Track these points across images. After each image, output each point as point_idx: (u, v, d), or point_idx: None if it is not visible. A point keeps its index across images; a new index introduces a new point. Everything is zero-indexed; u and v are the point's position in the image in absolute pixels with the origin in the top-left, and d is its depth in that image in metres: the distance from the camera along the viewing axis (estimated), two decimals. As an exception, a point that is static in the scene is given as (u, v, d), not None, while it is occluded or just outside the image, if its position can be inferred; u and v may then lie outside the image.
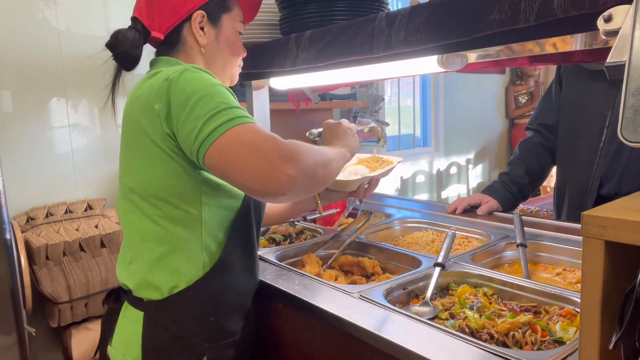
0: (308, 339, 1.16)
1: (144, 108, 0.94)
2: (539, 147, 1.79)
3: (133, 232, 1.04)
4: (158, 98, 0.91)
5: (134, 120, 0.97)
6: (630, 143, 0.55)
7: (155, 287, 1.01)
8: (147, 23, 1.06)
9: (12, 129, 1.94)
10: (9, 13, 1.90)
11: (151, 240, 1.01)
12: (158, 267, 1.00)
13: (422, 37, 0.98)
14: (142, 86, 0.98)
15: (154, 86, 0.93)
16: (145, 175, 0.98)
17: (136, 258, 1.04)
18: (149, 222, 1.00)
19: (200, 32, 1.07)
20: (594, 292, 0.57)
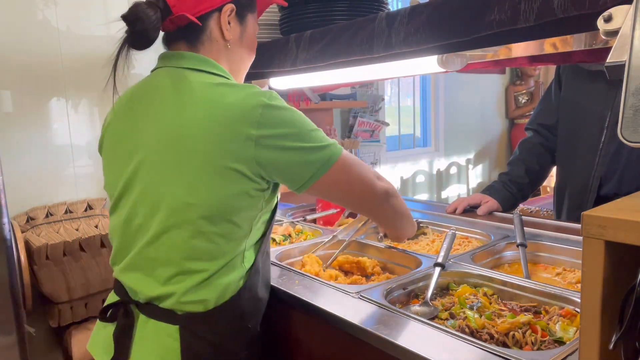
0: (308, 339, 1.16)
1: (226, 128, 0.89)
2: (539, 147, 1.79)
3: (180, 249, 0.95)
4: (251, 123, 0.89)
5: (201, 136, 0.90)
6: (630, 143, 0.55)
7: (200, 301, 0.96)
8: (172, 3, 0.96)
9: (12, 129, 1.94)
10: (9, 13, 1.90)
11: (204, 259, 0.95)
12: (209, 283, 0.96)
13: (422, 37, 0.98)
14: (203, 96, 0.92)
15: (241, 103, 0.90)
16: (215, 196, 0.92)
17: (183, 274, 0.96)
18: (205, 241, 0.94)
19: (227, 26, 1.02)
20: (594, 292, 0.57)
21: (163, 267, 0.97)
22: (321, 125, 3.07)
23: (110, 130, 1.07)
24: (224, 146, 0.90)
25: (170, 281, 0.97)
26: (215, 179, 0.91)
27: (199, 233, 0.94)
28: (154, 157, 0.96)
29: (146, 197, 0.97)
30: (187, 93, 0.94)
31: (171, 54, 1.03)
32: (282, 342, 1.25)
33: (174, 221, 0.94)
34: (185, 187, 0.92)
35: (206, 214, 0.92)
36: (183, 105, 0.94)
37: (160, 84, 1.00)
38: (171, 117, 0.94)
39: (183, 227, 0.94)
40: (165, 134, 0.94)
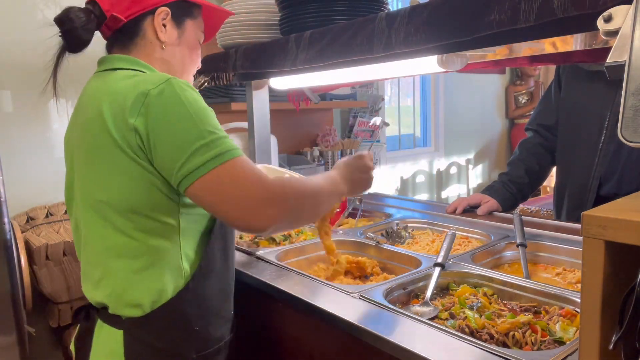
0: (308, 339, 1.16)
1: (115, 119, 0.88)
2: (539, 148, 1.79)
3: (102, 248, 0.96)
4: (133, 112, 0.86)
5: (100, 129, 0.89)
6: (630, 143, 0.55)
7: (135, 305, 0.95)
8: (106, 7, 0.99)
9: (12, 129, 1.94)
10: (9, 13, 1.90)
11: (126, 256, 0.94)
12: (137, 283, 0.94)
13: (422, 37, 0.98)
14: (106, 89, 0.92)
15: (127, 96, 0.87)
16: (119, 189, 0.90)
17: (108, 275, 0.96)
18: (124, 237, 0.93)
19: (162, 28, 1.03)
20: (594, 292, 0.57)
21: (95, 267, 0.99)
22: (321, 125, 3.07)
23: (66, 135, 1.09)
24: (115, 138, 0.88)
25: (102, 282, 0.97)
26: (116, 172, 0.90)
27: (118, 230, 0.93)
28: (77, 160, 0.98)
29: (78, 201, 1.00)
30: (99, 91, 0.95)
31: (102, 59, 1.04)
32: (282, 342, 1.25)
33: (93, 219, 0.95)
34: (94, 184, 0.94)
35: (118, 209, 0.91)
36: (93, 103, 0.94)
37: (86, 90, 1.02)
38: (84, 116, 0.96)
39: (102, 225, 0.94)
40: (80, 135, 0.96)
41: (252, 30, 1.56)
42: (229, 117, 2.36)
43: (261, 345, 1.31)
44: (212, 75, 1.71)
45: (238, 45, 1.56)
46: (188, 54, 1.10)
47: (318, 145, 2.96)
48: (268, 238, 1.63)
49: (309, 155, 2.87)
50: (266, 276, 1.24)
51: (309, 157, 2.86)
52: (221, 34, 1.62)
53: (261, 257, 1.38)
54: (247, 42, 1.55)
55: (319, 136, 2.99)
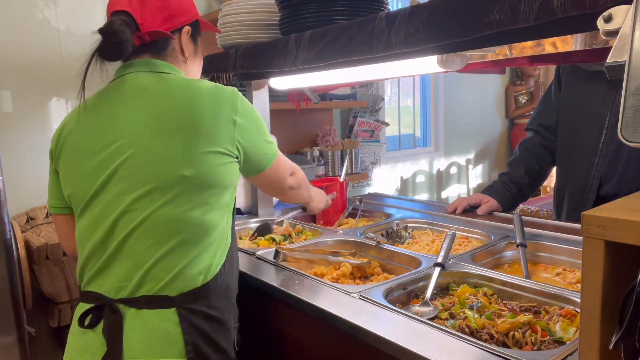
0: (308, 339, 1.16)
1: (223, 110, 1.04)
2: (539, 148, 1.79)
3: (171, 224, 1.00)
4: (232, 109, 1.05)
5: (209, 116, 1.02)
6: (630, 143, 0.55)
7: (197, 275, 1.02)
8: (140, 21, 1.06)
9: (12, 129, 1.94)
10: (9, 13, 1.90)
11: (200, 231, 1.03)
12: (203, 256, 1.03)
13: (422, 37, 0.98)
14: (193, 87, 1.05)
15: (223, 95, 1.05)
16: (208, 166, 1.02)
17: (178, 251, 1.01)
18: (200, 212, 1.02)
19: (187, 45, 1.16)
20: (594, 292, 0.57)
21: (157, 245, 1.00)
22: (321, 125, 3.07)
23: (72, 136, 1.10)
24: (209, 125, 1.02)
25: (168, 256, 1.00)
26: (208, 151, 1.02)
27: (194, 206, 1.01)
28: (142, 140, 1.01)
29: (134, 181, 1.01)
30: (167, 86, 1.06)
31: (141, 62, 1.10)
32: (282, 342, 1.25)
33: (169, 196, 1.00)
34: (179, 160, 1.00)
35: (201, 185, 1.02)
36: (166, 94, 1.05)
37: (135, 84, 1.07)
38: (155, 105, 1.03)
39: (179, 201, 1.00)
40: (153, 118, 1.02)
41: (252, 30, 1.56)
42: (229, 117, 2.36)
43: (261, 345, 1.31)
44: (212, 75, 1.71)
45: (238, 45, 1.56)
46: (198, 67, 1.25)
47: (318, 145, 2.96)
48: (268, 238, 1.63)
49: (309, 155, 2.87)
50: (266, 276, 1.24)
51: (309, 157, 2.86)
52: (221, 34, 1.62)
53: (261, 257, 1.38)
54: (247, 42, 1.55)
55: (319, 136, 2.99)
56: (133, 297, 1.00)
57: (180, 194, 1.00)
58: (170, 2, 1.10)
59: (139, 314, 1.00)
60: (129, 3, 1.06)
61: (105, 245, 1.03)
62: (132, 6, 1.06)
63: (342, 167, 2.67)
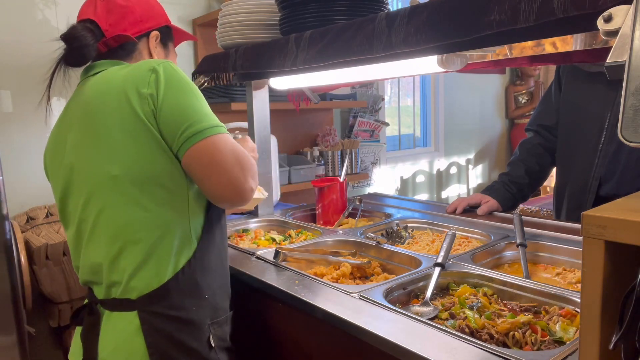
0: (308, 339, 1.16)
1: (129, 93, 0.97)
2: (539, 148, 1.79)
3: (118, 225, 1.00)
4: (145, 84, 0.96)
5: (116, 106, 0.97)
6: (630, 143, 0.55)
7: (153, 276, 1.00)
8: (104, 27, 1.10)
9: (12, 129, 1.94)
10: (8, 13, 1.90)
11: (143, 230, 0.99)
12: (154, 255, 1.00)
13: (422, 37, 0.98)
14: (112, 78, 1.02)
15: (135, 75, 0.98)
16: (135, 159, 0.97)
17: (126, 251, 1.00)
18: (140, 210, 0.99)
19: (156, 50, 1.18)
20: (594, 292, 0.57)
21: (109, 249, 1.01)
22: (321, 125, 3.07)
23: (46, 153, 1.17)
24: (134, 107, 0.96)
25: (118, 262, 1.01)
26: (133, 144, 0.97)
27: (134, 204, 0.99)
28: (77, 148, 1.03)
29: (79, 187, 1.04)
30: (101, 83, 1.04)
31: (91, 65, 1.12)
32: (282, 342, 1.25)
33: (109, 199, 0.99)
34: (108, 161, 0.98)
35: (133, 181, 0.98)
36: (92, 91, 1.04)
37: (81, 92, 1.09)
38: (85, 105, 1.03)
39: (115, 202, 0.99)
40: (82, 120, 1.03)
41: (252, 30, 1.56)
42: (229, 117, 2.36)
43: (261, 345, 1.31)
44: (212, 75, 1.71)
45: (238, 45, 1.56)
46: None
47: (318, 145, 2.96)
48: (268, 238, 1.63)
49: (309, 155, 2.87)
50: (266, 276, 1.24)
51: (309, 157, 2.86)
52: (221, 34, 1.62)
53: (261, 257, 1.38)
54: (247, 42, 1.55)
55: (319, 136, 2.99)
56: (106, 299, 1.04)
57: (116, 196, 0.99)
58: (135, 8, 1.13)
59: (111, 316, 1.03)
60: (94, 12, 1.11)
61: (78, 252, 1.09)
62: (97, 14, 1.10)
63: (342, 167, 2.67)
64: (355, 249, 1.47)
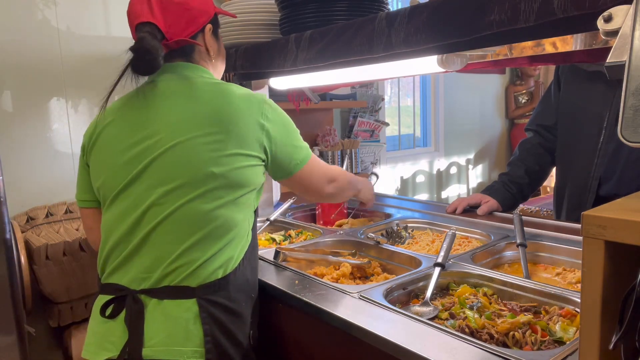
0: (308, 339, 1.16)
1: (242, 114, 1.06)
2: (539, 148, 1.79)
3: (198, 218, 1.03)
4: (261, 114, 1.08)
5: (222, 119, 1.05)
6: (630, 143, 0.55)
7: (218, 268, 1.04)
8: (164, 29, 1.07)
9: (12, 129, 1.94)
10: (8, 13, 1.90)
11: (226, 225, 1.05)
12: (227, 249, 1.06)
13: (422, 37, 0.98)
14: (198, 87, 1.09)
15: (247, 97, 1.09)
16: (237, 167, 1.05)
17: (202, 244, 1.03)
18: (226, 208, 1.05)
19: (211, 43, 1.17)
20: (594, 292, 0.57)
21: (182, 238, 1.03)
22: (321, 125, 3.07)
23: (107, 130, 1.13)
24: (241, 128, 1.05)
25: (193, 249, 1.03)
26: (233, 152, 1.05)
27: (220, 203, 1.04)
28: (175, 138, 1.04)
29: (165, 175, 1.04)
30: (197, 90, 1.09)
31: (170, 66, 1.13)
32: (282, 342, 1.25)
33: (198, 192, 1.03)
34: (210, 158, 1.03)
35: (229, 183, 1.05)
36: (197, 97, 1.08)
37: (168, 87, 1.11)
38: (188, 106, 1.07)
39: (206, 197, 1.03)
40: (187, 118, 1.05)
41: (252, 30, 1.56)
42: (229, 117, 2.35)
43: (261, 345, 1.31)
44: (212, 75, 1.70)
45: (238, 45, 1.56)
46: (222, 61, 1.27)
47: (318, 145, 2.96)
48: (268, 238, 1.63)
49: (309, 155, 2.86)
50: (266, 276, 1.24)
51: (309, 157, 2.85)
52: (221, 34, 1.62)
53: (261, 257, 1.38)
54: (247, 42, 1.55)
55: (319, 136, 2.98)
56: (155, 287, 1.03)
57: (207, 191, 1.03)
58: (190, 4, 1.10)
59: (161, 304, 1.02)
60: (150, 13, 1.06)
61: (130, 237, 1.06)
62: (154, 16, 1.06)
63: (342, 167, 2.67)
64: (355, 249, 1.47)
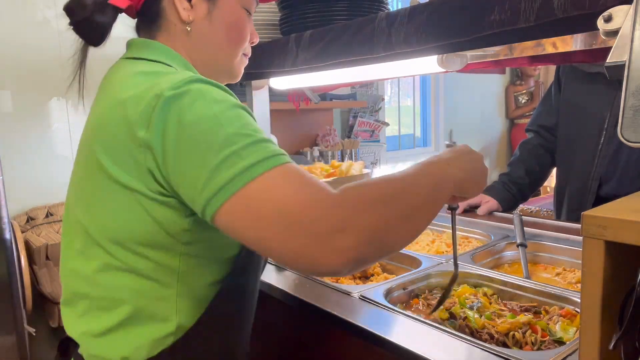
0: (307, 339, 1.16)
1: (117, 129, 0.67)
2: (539, 148, 1.79)
3: (83, 281, 0.76)
4: (143, 121, 0.64)
5: (96, 139, 0.71)
6: (630, 143, 0.55)
7: (96, 357, 0.76)
8: None
9: (12, 129, 1.94)
10: (9, 13, 1.90)
11: (107, 298, 0.74)
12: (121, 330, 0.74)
13: (422, 37, 0.98)
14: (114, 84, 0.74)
15: (138, 98, 0.66)
16: (103, 216, 0.71)
17: (87, 314, 0.76)
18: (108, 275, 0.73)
19: (184, 4, 0.80)
20: (594, 292, 0.57)
21: (78, 299, 0.78)
22: (321, 125, 3.07)
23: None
24: (114, 152, 0.68)
25: (81, 319, 0.78)
26: (108, 196, 0.69)
27: (103, 265, 0.73)
28: (75, 170, 0.81)
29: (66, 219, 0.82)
30: (107, 88, 0.77)
31: (129, 42, 0.83)
32: (281, 342, 1.25)
33: (79, 248, 0.76)
34: (78, 204, 0.76)
35: (97, 238, 0.72)
36: (97, 104, 0.78)
37: (108, 77, 0.81)
38: (88, 121, 0.79)
39: (87, 256, 0.75)
40: (81, 142, 0.79)
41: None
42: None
43: (261, 345, 1.31)
44: (212, 75, 1.70)
45: (238, 45, 1.56)
46: (224, 32, 0.84)
47: (318, 145, 2.96)
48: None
49: (309, 155, 2.87)
50: (266, 276, 1.24)
51: (309, 157, 2.86)
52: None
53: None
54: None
55: (319, 136, 2.99)
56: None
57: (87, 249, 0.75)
58: None
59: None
60: None
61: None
62: None
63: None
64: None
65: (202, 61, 0.84)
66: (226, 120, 0.63)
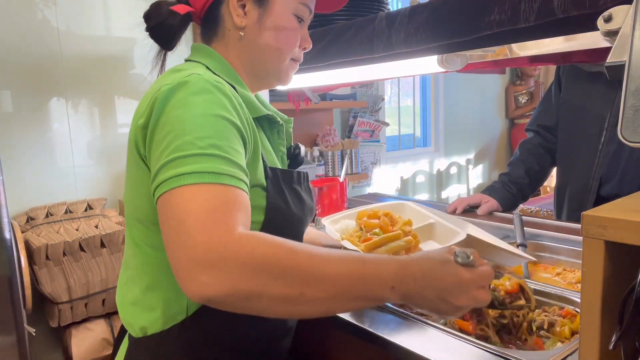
0: (307, 339, 1.16)
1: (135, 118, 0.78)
2: (539, 148, 1.79)
3: (126, 253, 0.89)
4: (143, 112, 0.74)
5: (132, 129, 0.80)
6: (630, 143, 0.55)
7: (128, 323, 0.85)
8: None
9: (12, 129, 1.94)
10: (8, 13, 1.90)
11: (136, 269, 0.84)
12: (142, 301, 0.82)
13: (422, 37, 0.98)
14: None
15: (148, 94, 0.77)
16: (131, 194, 0.81)
17: (124, 284, 0.88)
18: (135, 247, 0.83)
19: (238, 11, 0.84)
20: (594, 292, 0.57)
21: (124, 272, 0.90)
22: (321, 125, 3.07)
23: None
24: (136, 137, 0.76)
25: (121, 289, 0.88)
26: (131, 174, 0.80)
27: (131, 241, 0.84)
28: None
29: None
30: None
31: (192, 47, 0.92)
32: (282, 342, 1.24)
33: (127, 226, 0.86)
34: (127, 186, 0.84)
35: (129, 217, 0.83)
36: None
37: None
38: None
39: (127, 233, 0.86)
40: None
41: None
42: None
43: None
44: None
45: (238, 45, 1.56)
46: (273, 37, 0.87)
47: (318, 145, 2.96)
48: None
49: (308, 155, 2.87)
50: (266, 276, 1.24)
51: (308, 157, 2.86)
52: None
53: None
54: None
55: (319, 136, 2.99)
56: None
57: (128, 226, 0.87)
58: None
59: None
60: None
61: None
62: None
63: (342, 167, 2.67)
64: (355, 249, 1.46)
65: (251, 65, 0.90)
66: (191, 127, 0.68)
